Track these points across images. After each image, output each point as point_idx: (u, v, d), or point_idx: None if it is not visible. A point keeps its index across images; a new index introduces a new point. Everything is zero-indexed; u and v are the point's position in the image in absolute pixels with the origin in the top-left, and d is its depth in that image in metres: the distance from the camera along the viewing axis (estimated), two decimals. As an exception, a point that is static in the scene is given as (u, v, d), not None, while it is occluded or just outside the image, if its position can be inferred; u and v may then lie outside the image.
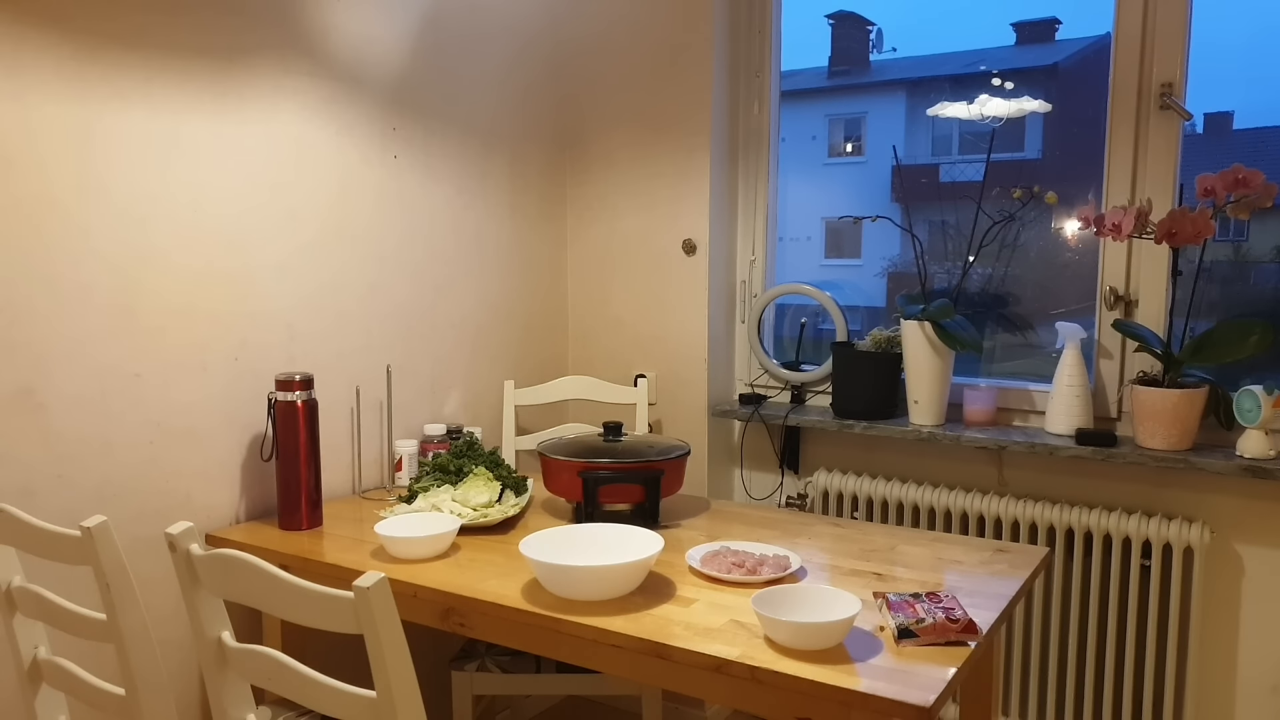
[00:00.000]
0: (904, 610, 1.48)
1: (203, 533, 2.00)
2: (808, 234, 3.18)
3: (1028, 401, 2.46)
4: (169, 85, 1.91)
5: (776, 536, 1.93)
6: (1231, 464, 2.08)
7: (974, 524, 2.40)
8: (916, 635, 1.41)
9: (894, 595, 1.54)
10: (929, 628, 1.42)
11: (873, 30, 3.92)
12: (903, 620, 1.44)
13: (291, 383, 2.00)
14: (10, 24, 1.67)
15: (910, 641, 1.41)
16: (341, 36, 2.25)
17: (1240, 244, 2.51)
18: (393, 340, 2.43)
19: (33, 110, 1.71)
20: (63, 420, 1.79)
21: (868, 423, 2.52)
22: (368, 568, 1.69)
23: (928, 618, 1.44)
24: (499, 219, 2.73)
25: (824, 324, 2.86)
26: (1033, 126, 2.58)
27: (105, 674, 1.51)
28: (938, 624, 1.42)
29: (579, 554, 1.65)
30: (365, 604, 1.14)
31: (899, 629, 1.42)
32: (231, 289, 2.05)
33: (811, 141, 4.19)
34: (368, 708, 1.20)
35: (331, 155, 2.24)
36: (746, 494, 2.86)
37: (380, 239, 2.38)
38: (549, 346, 2.95)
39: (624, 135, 2.85)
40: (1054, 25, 3.51)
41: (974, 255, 2.47)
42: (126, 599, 1.39)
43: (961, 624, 1.43)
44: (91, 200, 1.81)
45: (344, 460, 2.31)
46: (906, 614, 1.46)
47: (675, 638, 1.43)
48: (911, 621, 1.43)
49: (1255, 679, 2.20)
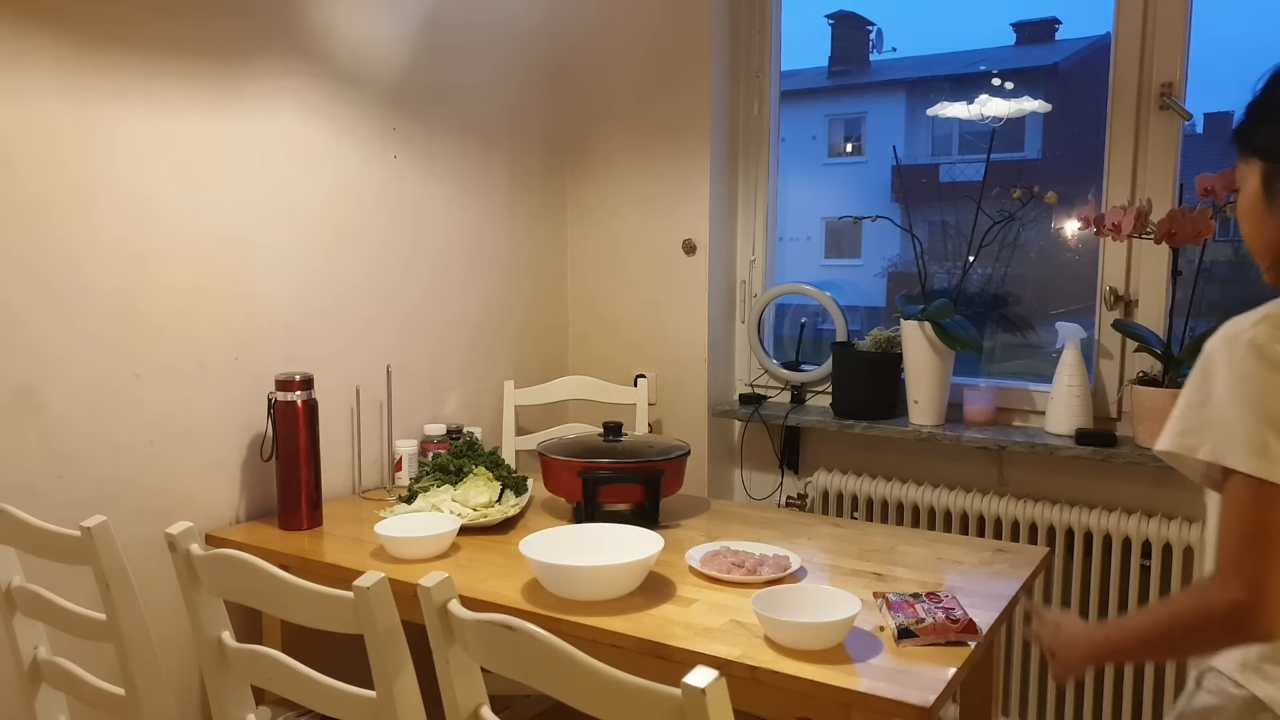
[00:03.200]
0: (904, 610, 1.48)
1: (203, 533, 2.00)
2: (808, 234, 3.18)
3: (1028, 401, 2.46)
4: (169, 85, 1.91)
5: (776, 536, 1.93)
6: (1231, 464, 2.08)
7: (974, 524, 2.40)
8: (916, 635, 1.41)
9: (894, 595, 1.54)
10: (929, 628, 1.42)
11: (873, 30, 3.92)
12: (903, 620, 1.44)
13: (291, 383, 2.00)
14: (10, 24, 1.67)
15: (910, 641, 1.41)
16: (341, 36, 2.24)
17: (1240, 244, 2.50)
18: (393, 340, 2.43)
19: (33, 110, 1.71)
20: (63, 420, 1.79)
21: (868, 423, 2.52)
22: (368, 568, 1.68)
23: (928, 618, 1.44)
24: (499, 219, 2.73)
25: (824, 324, 2.86)
26: (1033, 126, 2.58)
27: (105, 674, 1.51)
28: (938, 624, 1.42)
29: (579, 554, 1.65)
30: (365, 604, 1.14)
31: (899, 629, 1.42)
32: (231, 289, 2.05)
33: (811, 141, 4.19)
34: (368, 708, 1.20)
35: (331, 155, 2.24)
36: (746, 494, 2.86)
37: (380, 239, 2.38)
38: (549, 346, 2.95)
39: (624, 135, 2.85)
40: (1054, 25, 3.51)
41: (974, 255, 2.47)
42: (126, 599, 1.39)
43: (961, 624, 1.43)
44: (91, 200, 1.81)
45: (344, 460, 2.31)
46: (906, 614, 1.46)
47: (675, 638, 1.43)
48: (912, 621, 1.43)
49: (1255, 679, 2.20)
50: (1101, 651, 1.17)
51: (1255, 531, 0.95)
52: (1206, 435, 1.00)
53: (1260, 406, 0.96)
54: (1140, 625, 1.10)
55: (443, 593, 1.11)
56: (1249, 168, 1.11)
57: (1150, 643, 1.10)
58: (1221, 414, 0.98)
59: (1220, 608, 0.96)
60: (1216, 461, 0.98)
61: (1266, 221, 1.10)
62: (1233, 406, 0.97)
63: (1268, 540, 0.95)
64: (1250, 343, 0.98)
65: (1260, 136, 1.09)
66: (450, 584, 1.11)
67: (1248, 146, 1.12)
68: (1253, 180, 1.10)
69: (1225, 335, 1.00)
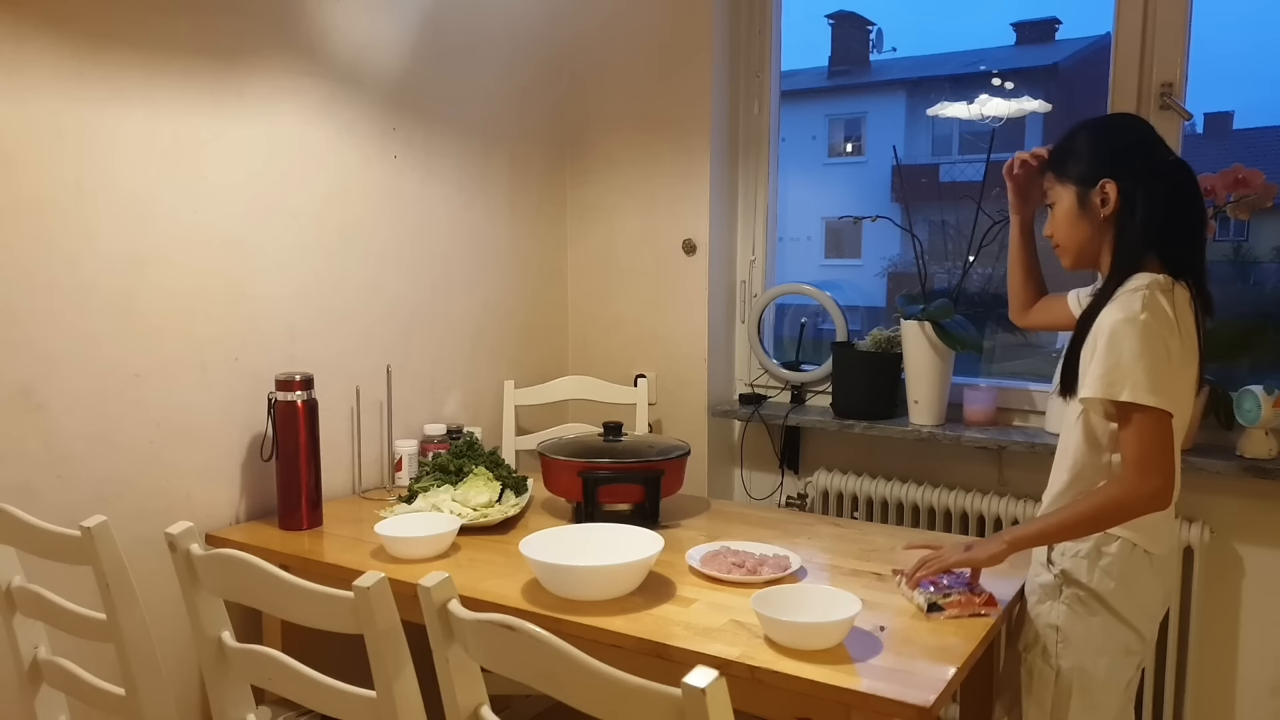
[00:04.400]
0: (925, 586, 1.56)
1: (203, 533, 2.00)
2: (808, 234, 3.18)
3: (1028, 401, 2.46)
4: (169, 85, 1.91)
5: (776, 536, 1.93)
6: (1232, 464, 2.08)
7: (974, 524, 2.40)
8: (944, 609, 1.51)
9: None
10: (955, 601, 1.52)
11: (873, 30, 3.93)
12: (931, 595, 1.52)
13: (291, 383, 2.00)
14: (10, 24, 1.67)
15: (938, 615, 1.51)
16: (341, 36, 2.24)
17: (1240, 244, 2.51)
18: (392, 340, 2.43)
19: (33, 110, 1.71)
20: (63, 420, 1.79)
21: (868, 423, 2.52)
22: (368, 568, 1.68)
23: (953, 591, 1.53)
24: (499, 219, 2.73)
25: (824, 324, 2.86)
26: (1033, 126, 2.58)
27: (105, 674, 1.51)
28: (963, 598, 1.52)
29: (579, 554, 1.65)
30: (365, 604, 1.14)
31: (928, 604, 1.51)
32: (231, 289, 2.05)
33: (811, 141, 4.19)
34: (368, 708, 1.20)
35: (331, 155, 2.24)
36: (746, 494, 2.86)
37: (380, 239, 2.38)
38: (549, 346, 2.95)
39: (624, 135, 2.85)
40: (1054, 25, 3.51)
41: (974, 255, 2.47)
42: (126, 599, 1.39)
43: (984, 598, 1.54)
44: (91, 200, 1.81)
45: (344, 460, 2.31)
46: (930, 589, 1.55)
47: (675, 638, 1.43)
48: (939, 596, 1.52)
49: (1255, 679, 2.20)
50: (1023, 540, 1.55)
51: (1160, 442, 1.43)
52: (1123, 384, 1.42)
53: (1153, 363, 1.41)
54: (1062, 519, 1.51)
55: (443, 593, 1.11)
56: (1065, 189, 1.58)
57: (1073, 526, 1.51)
58: (1131, 370, 1.42)
59: (1146, 491, 1.43)
60: (1132, 400, 1.42)
61: (1078, 228, 1.57)
62: (1138, 365, 1.41)
63: (1166, 447, 1.44)
64: (1144, 323, 1.43)
65: (1070, 169, 1.57)
66: (450, 584, 1.11)
67: (1062, 174, 1.58)
68: (1068, 198, 1.57)
69: (1126, 318, 1.44)
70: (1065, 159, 1.58)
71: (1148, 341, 1.41)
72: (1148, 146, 1.54)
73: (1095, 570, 1.51)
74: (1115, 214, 1.52)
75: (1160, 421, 1.43)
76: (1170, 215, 1.50)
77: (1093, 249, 1.57)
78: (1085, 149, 1.56)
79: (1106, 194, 1.52)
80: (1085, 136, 1.57)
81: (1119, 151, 1.53)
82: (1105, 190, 1.52)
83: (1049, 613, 1.55)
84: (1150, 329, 1.42)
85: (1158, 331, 1.43)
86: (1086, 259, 1.59)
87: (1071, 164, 1.57)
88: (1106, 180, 1.51)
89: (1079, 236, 1.57)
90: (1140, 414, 1.42)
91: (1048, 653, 1.55)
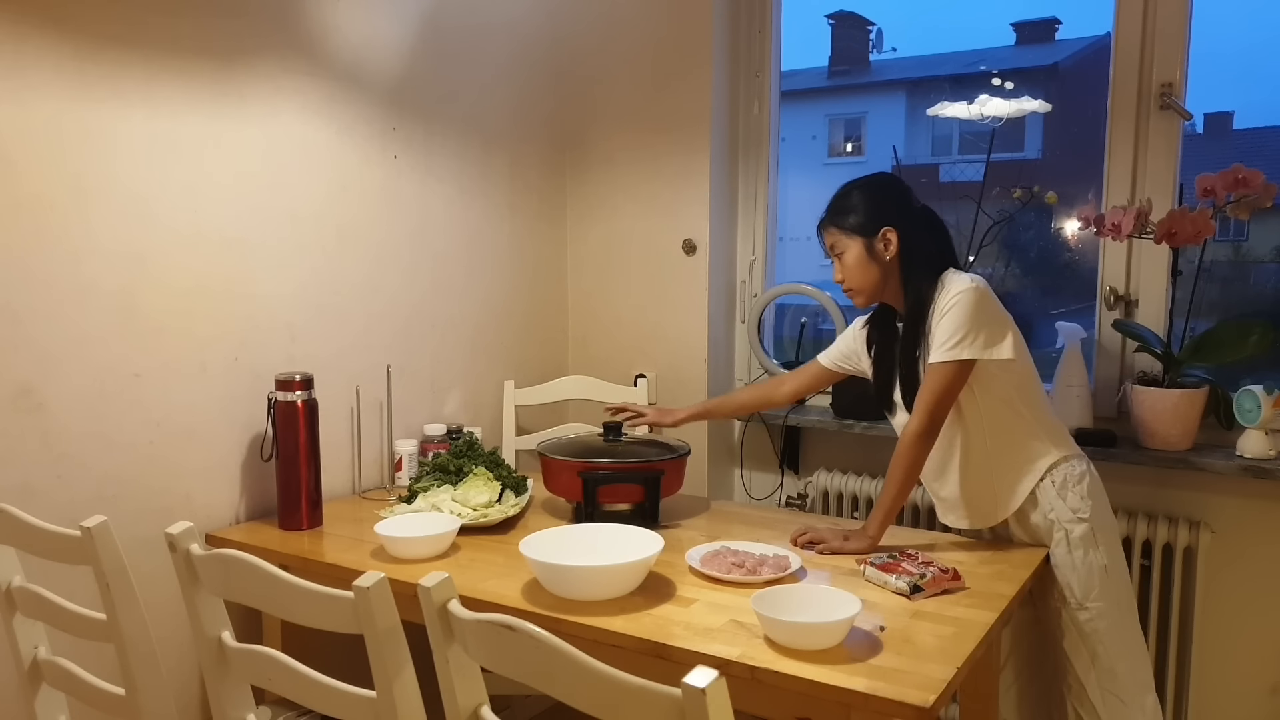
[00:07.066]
0: (895, 570, 1.64)
1: (203, 533, 2.00)
2: (808, 234, 3.17)
3: (1028, 401, 2.46)
4: (169, 85, 1.91)
5: (776, 536, 1.93)
6: (1232, 464, 2.09)
7: (974, 524, 2.40)
8: (923, 589, 1.59)
9: (875, 558, 1.71)
10: (930, 580, 1.61)
11: (873, 30, 3.93)
12: (909, 579, 1.61)
13: (291, 383, 2.00)
14: (10, 24, 1.67)
15: (920, 596, 1.59)
16: (341, 36, 2.24)
17: (1240, 244, 2.51)
18: (392, 340, 2.43)
19: (33, 110, 1.71)
20: (63, 420, 1.79)
21: (868, 423, 2.52)
22: (368, 568, 1.68)
23: (924, 572, 1.63)
24: (499, 219, 2.73)
25: (824, 324, 2.86)
26: (1033, 126, 2.58)
27: (105, 674, 1.51)
28: (935, 576, 1.62)
29: (579, 554, 1.65)
30: (365, 604, 1.14)
31: (910, 586, 1.59)
32: (231, 289, 2.05)
33: (811, 141, 4.19)
34: (368, 708, 1.20)
35: (331, 155, 2.24)
36: (746, 494, 2.86)
37: (380, 239, 2.38)
38: (549, 346, 2.95)
39: (624, 135, 2.85)
40: (1054, 25, 3.51)
41: (974, 255, 2.47)
42: (126, 599, 1.39)
43: (951, 573, 1.64)
44: (91, 200, 1.81)
45: (344, 460, 2.31)
46: (903, 573, 1.63)
47: (675, 638, 1.43)
48: (916, 578, 1.60)
49: (1255, 679, 2.20)
50: (886, 519, 1.81)
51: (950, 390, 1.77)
52: (965, 345, 1.74)
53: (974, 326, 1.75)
54: (898, 486, 1.79)
55: (443, 593, 1.10)
56: (851, 240, 1.86)
57: (907, 487, 1.81)
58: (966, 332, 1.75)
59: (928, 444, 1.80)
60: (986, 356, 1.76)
61: (869, 271, 1.86)
62: (965, 326, 1.74)
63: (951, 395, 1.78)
64: (976, 294, 1.76)
65: (850, 223, 1.86)
66: (450, 584, 1.11)
67: (844, 228, 1.87)
68: (855, 247, 1.86)
69: (961, 289, 1.76)
70: (846, 214, 1.87)
71: (972, 314, 1.74)
72: (908, 197, 1.88)
73: (1072, 493, 1.83)
74: (898, 254, 1.83)
75: (964, 369, 1.77)
76: (937, 246, 1.87)
77: (881, 286, 1.87)
78: (862, 205, 1.86)
79: (888, 239, 1.83)
80: (859, 194, 1.87)
81: (890, 204, 1.85)
82: (887, 236, 1.83)
83: (1078, 541, 1.80)
84: (980, 305, 1.75)
85: (988, 295, 1.77)
86: (876, 296, 1.89)
87: (852, 218, 1.86)
88: (887, 228, 1.83)
89: (871, 278, 1.86)
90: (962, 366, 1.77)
91: (1082, 558, 1.80)
